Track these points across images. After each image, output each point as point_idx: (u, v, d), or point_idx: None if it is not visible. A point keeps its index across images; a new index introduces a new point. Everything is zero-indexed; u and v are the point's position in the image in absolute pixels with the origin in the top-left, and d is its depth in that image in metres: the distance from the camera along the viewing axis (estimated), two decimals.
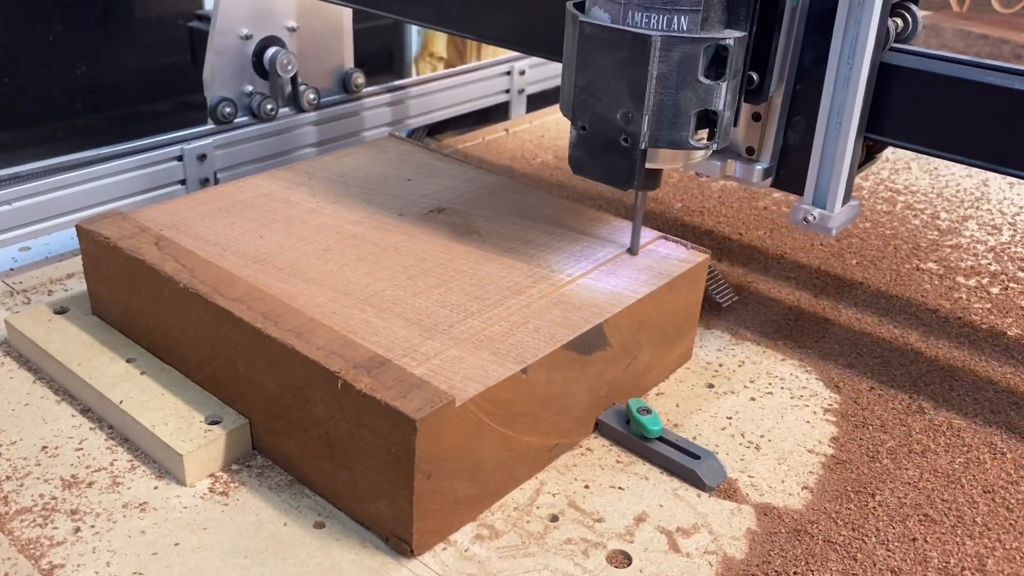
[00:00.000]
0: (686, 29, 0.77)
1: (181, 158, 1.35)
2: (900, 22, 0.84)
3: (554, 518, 0.78)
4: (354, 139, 1.58)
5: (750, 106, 0.87)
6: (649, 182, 0.85)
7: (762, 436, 0.89)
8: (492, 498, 0.79)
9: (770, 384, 0.97)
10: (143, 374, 0.88)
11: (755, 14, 0.79)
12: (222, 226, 0.95)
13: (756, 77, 0.83)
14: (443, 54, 2.09)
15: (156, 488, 0.79)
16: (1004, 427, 0.92)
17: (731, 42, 0.77)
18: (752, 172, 0.89)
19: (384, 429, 0.70)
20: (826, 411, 0.93)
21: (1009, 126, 0.79)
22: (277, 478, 0.81)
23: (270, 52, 1.40)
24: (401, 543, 0.73)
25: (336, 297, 0.84)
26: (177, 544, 0.73)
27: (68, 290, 1.06)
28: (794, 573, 0.73)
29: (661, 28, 0.77)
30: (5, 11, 1.39)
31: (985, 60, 0.81)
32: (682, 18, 0.76)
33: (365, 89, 1.58)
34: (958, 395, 0.96)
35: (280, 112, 1.45)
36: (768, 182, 0.90)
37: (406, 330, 0.80)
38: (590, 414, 0.87)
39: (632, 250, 0.94)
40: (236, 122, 1.41)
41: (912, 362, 1.01)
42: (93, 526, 0.75)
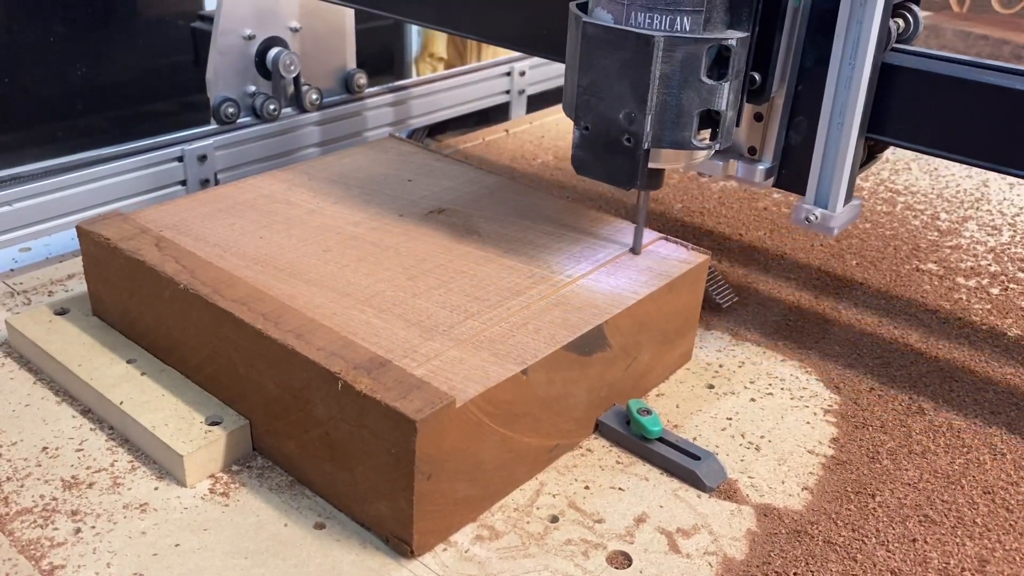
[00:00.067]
0: (689, 29, 0.77)
1: (182, 159, 1.36)
2: (901, 23, 0.84)
3: (554, 519, 0.78)
4: (356, 139, 1.59)
5: (752, 106, 0.87)
6: (652, 182, 0.85)
7: (762, 437, 0.89)
8: (492, 499, 0.79)
9: (770, 385, 0.97)
10: (143, 375, 0.88)
11: (757, 15, 0.79)
12: (222, 227, 0.95)
13: (758, 77, 0.83)
14: (443, 55, 2.09)
15: (156, 489, 0.79)
16: (1004, 428, 0.92)
17: (734, 42, 0.77)
18: (754, 172, 0.89)
19: (384, 430, 0.70)
20: (826, 412, 0.93)
21: (1010, 126, 0.79)
22: (277, 479, 0.81)
23: (273, 52, 1.40)
24: (401, 544, 0.73)
25: (336, 298, 0.84)
26: (177, 545, 0.73)
27: (69, 291, 1.06)
28: (794, 574, 0.73)
29: (664, 29, 0.77)
30: (5, 12, 1.39)
31: (986, 60, 0.81)
32: (685, 19, 0.76)
33: (367, 89, 1.58)
34: (958, 396, 0.96)
35: (283, 112, 1.45)
36: (770, 182, 0.90)
37: (406, 331, 0.80)
38: (590, 415, 0.87)
39: (635, 249, 0.94)
40: (238, 122, 1.41)
41: (912, 363, 1.01)
42: (94, 527, 0.75)
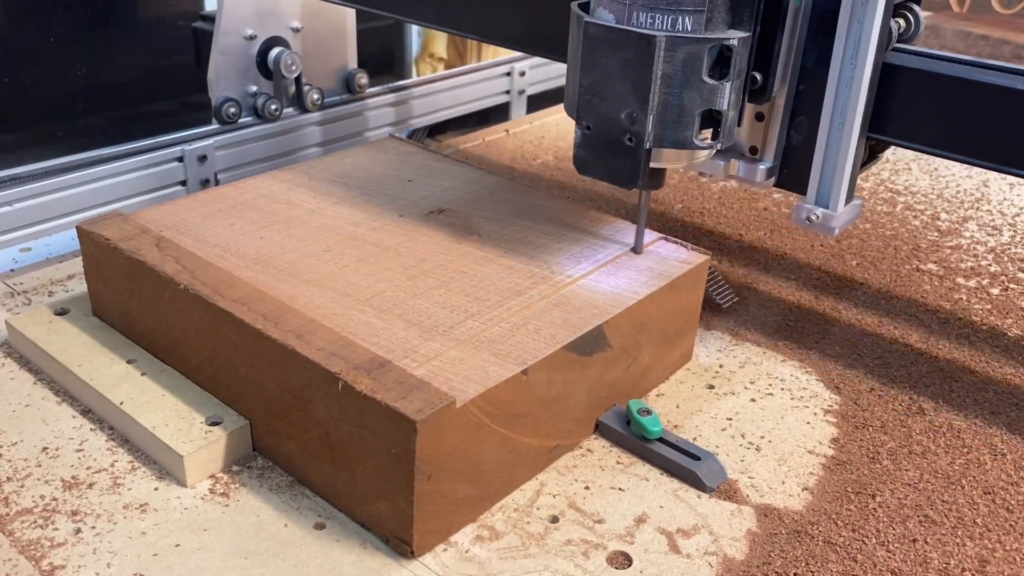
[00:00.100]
0: (690, 29, 0.77)
1: (182, 159, 1.36)
2: (902, 22, 0.84)
3: (554, 519, 0.78)
4: (357, 139, 1.59)
5: (753, 106, 0.87)
6: (653, 181, 0.85)
7: (762, 437, 0.89)
8: (492, 499, 0.79)
9: (770, 385, 0.97)
10: (144, 375, 0.88)
11: (759, 15, 0.79)
12: (223, 227, 0.95)
13: (759, 77, 0.83)
14: (443, 55, 2.09)
15: (157, 489, 0.79)
16: (1004, 428, 0.92)
17: (735, 42, 0.77)
18: (755, 172, 0.89)
19: (384, 430, 0.70)
20: (826, 412, 0.93)
21: (1011, 126, 0.79)
22: (277, 479, 0.81)
23: (274, 52, 1.40)
24: (401, 544, 0.73)
25: (336, 298, 0.84)
26: (178, 545, 0.73)
27: (69, 291, 1.06)
28: (794, 574, 0.73)
29: (665, 28, 0.77)
30: (5, 12, 1.39)
31: (987, 60, 0.81)
32: (686, 19, 0.76)
33: (368, 89, 1.58)
34: (958, 396, 0.96)
35: (284, 112, 1.45)
36: (771, 182, 0.90)
37: (406, 331, 0.80)
38: (590, 415, 0.87)
39: (636, 249, 0.94)
40: (239, 123, 1.41)
41: (912, 363, 1.01)
42: (94, 527, 0.75)
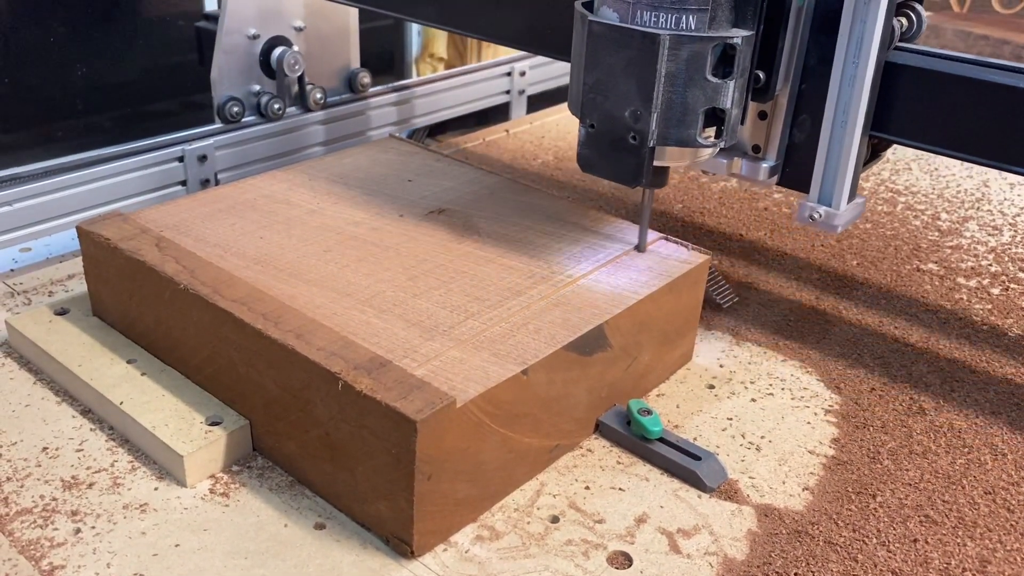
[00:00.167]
0: (694, 28, 0.77)
1: (182, 159, 1.36)
2: (905, 21, 0.85)
3: (555, 519, 0.78)
4: (360, 138, 1.59)
5: (756, 104, 0.87)
6: (657, 180, 0.85)
7: (763, 437, 0.89)
8: (493, 499, 0.79)
9: (771, 385, 0.97)
10: (144, 375, 0.88)
11: (762, 13, 0.80)
12: (223, 227, 0.95)
13: (762, 76, 0.83)
14: (443, 55, 2.09)
15: (156, 489, 0.79)
16: (1005, 428, 0.92)
17: (739, 41, 0.77)
18: (758, 170, 0.89)
19: (385, 430, 0.70)
20: (827, 412, 0.93)
21: (1013, 124, 0.79)
22: (277, 479, 0.81)
23: (277, 52, 1.41)
24: (401, 544, 0.73)
25: (336, 298, 0.84)
26: (178, 545, 0.73)
27: (69, 291, 1.06)
28: (795, 574, 0.73)
29: (669, 27, 0.77)
30: (5, 12, 1.39)
31: (989, 59, 0.81)
32: (690, 17, 0.77)
33: (371, 89, 1.58)
34: (959, 396, 0.96)
35: (287, 111, 1.46)
36: (774, 180, 0.90)
37: (406, 331, 0.80)
38: (590, 415, 0.87)
39: (639, 247, 0.94)
40: (241, 122, 1.41)
41: (913, 363, 1.01)
42: (94, 527, 0.75)
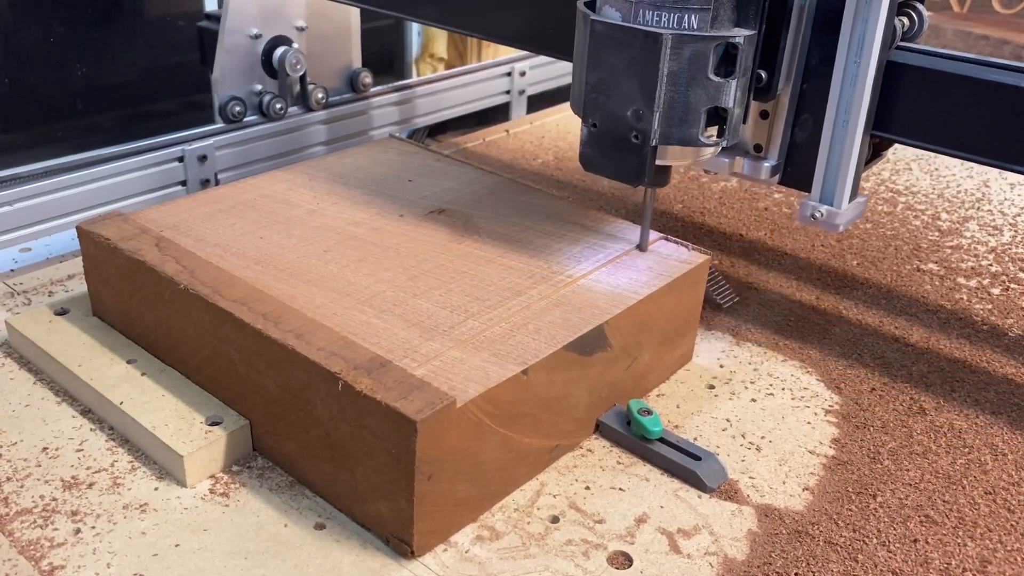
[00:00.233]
0: (696, 27, 0.77)
1: (182, 159, 1.36)
2: (906, 21, 0.85)
3: (555, 519, 0.78)
4: (361, 138, 1.59)
5: (758, 104, 0.87)
6: (659, 179, 0.86)
7: (763, 437, 0.89)
8: (493, 499, 0.79)
9: (771, 385, 0.97)
10: (144, 375, 0.88)
11: (764, 13, 0.80)
12: (223, 227, 0.95)
13: (764, 75, 0.83)
14: (443, 55, 2.09)
15: (157, 489, 0.79)
16: (1005, 428, 0.91)
17: (741, 40, 0.77)
18: (760, 169, 0.89)
19: (385, 430, 0.70)
20: (827, 412, 0.93)
21: (1014, 123, 0.79)
22: (277, 479, 0.81)
23: (279, 51, 1.41)
24: (401, 544, 0.73)
25: (337, 298, 0.84)
26: (177, 545, 0.73)
27: (69, 291, 1.06)
28: (795, 574, 0.73)
29: (672, 26, 0.77)
30: (6, 12, 1.39)
31: (991, 58, 0.81)
32: (692, 16, 0.77)
33: (372, 89, 1.58)
34: (959, 396, 0.96)
35: (289, 111, 1.46)
36: (776, 179, 0.90)
37: (407, 331, 0.80)
38: (591, 415, 0.87)
39: (641, 246, 0.95)
40: (243, 121, 1.41)
41: (913, 363, 1.01)
42: (94, 527, 0.75)
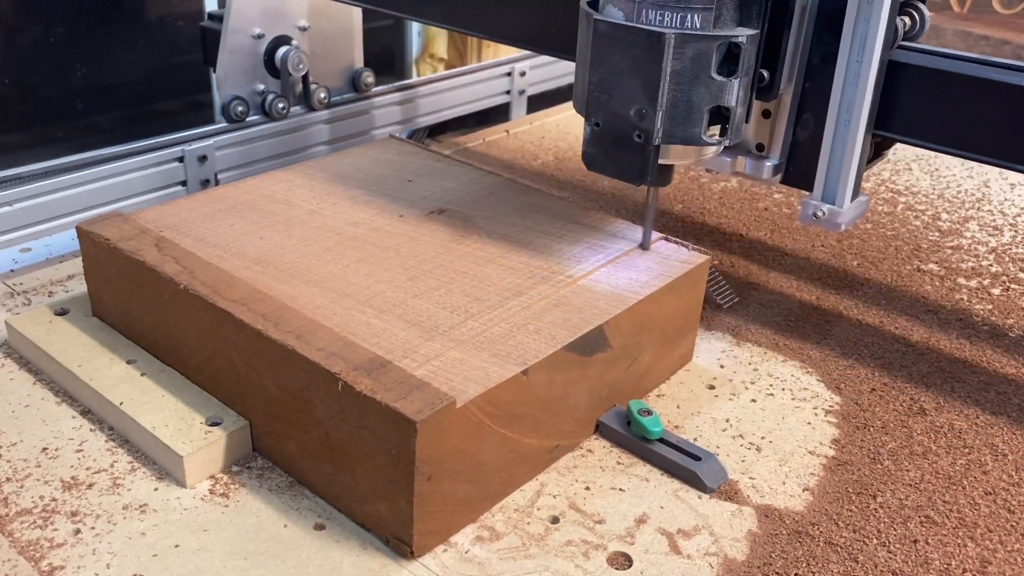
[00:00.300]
0: (699, 27, 0.77)
1: (182, 159, 1.35)
2: (908, 20, 0.85)
3: (555, 520, 0.78)
4: (363, 138, 1.59)
5: (760, 103, 0.88)
6: (661, 178, 0.86)
7: (763, 438, 0.89)
8: (492, 500, 0.79)
9: (771, 385, 0.96)
10: (143, 375, 0.87)
11: (766, 12, 0.80)
12: (223, 227, 0.95)
13: (767, 74, 0.84)
14: (444, 55, 2.09)
15: (156, 490, 0.79)
16: (1006, 428, 0.91)
17: (743, 40, 0.78)
18: (762, 168, 0.90)
19: (384, 431, 0.70)
20: (827, 412, 0.93)
21: (1016, 123, 0.79)
22: (277, 479, 0.81)
23: (282, 51, 1.41)
24: (401, 545, 0.73)
25: (336, 299, 0.84)
26: (177, 546, 0.73)
27: (69, 291, 1.05)
28: (795, 575, 0.73)
29: (675, 26, 0.77)
30: (6, 12, 1.39)
31: (992, 58, 0.81)
32: (695, 16, 0.77)
33: (374, 88, 1.59)
34: (959, 397, 0.96)
35: (291, 111, 1.46)
36: (778, 178, 0.90)
37: (406, 332, 0.80)
38: (591, 415, 0.87)
39: (644, 245, 0.95)
40: (245, 121, 1.41)
41: (913, 363, 1.01)
42: (93, 528, 0.74)
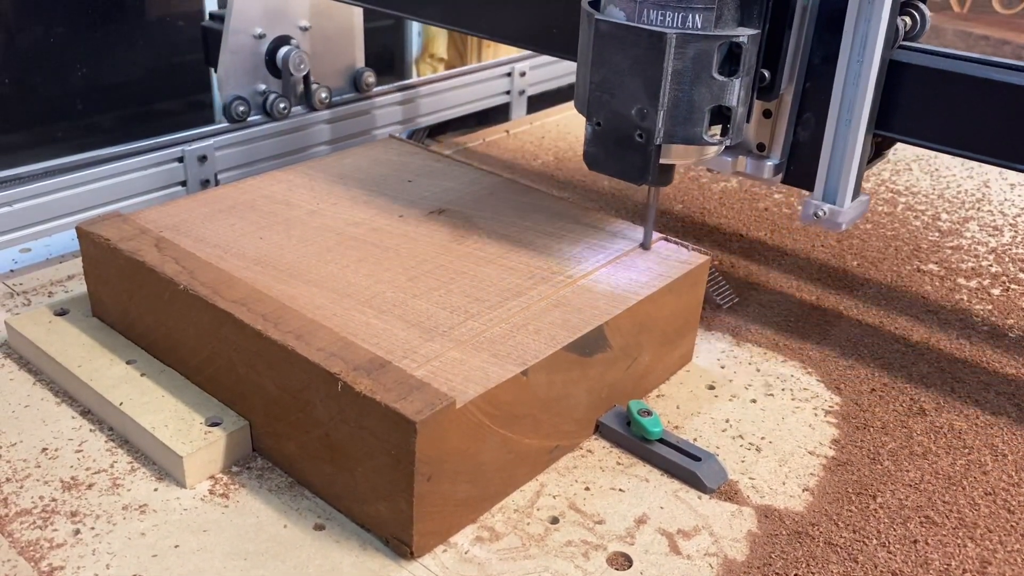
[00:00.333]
0: (700, 27, 0.77)
1: (182, 159, 1.35)
2: (909, 20, 0.85)
3: (554, 520, 0.78)
4: (364, 138, 1.59)
5: (761, 103, 0.88)
6: (663, 177, 0.86)
7: (763, 438, 0.89)
8: (492, 500, 0.79)
9: (771, 386, 0.96)
10: (143, 376, 0.87)
11: (767, 12, 0.80)
12: (222, 228, 0.95)
13: (767, 74, 0.84)
14: (444, 55, 2.09)
15: (156, 490, 0.79)
16: (1005, 429, 0.91)
17: (745, 39, 0.78)
18: (763, 168, 0.90)
19: (384, 431, 0.70)
20: (827, 413, 0.93)
21: (1017, 122, 0.80)
22: (277, 480, 0.81)
23: (283, 51, 1.41)
24: (401, 545, 0.73)
25: (336, 299, 0.84)
26: (177, 546, 0.73)
27: (68, 292, 1.05)
28: (795, 575, 0.73)
29: (676, 26, 0.78)
30: (6, 12, 1.39)
31: (993, 58, 0.81)
32: (697, 16, 0.77)
33: (375, 88, 1.59)
34: (959, 397, 0.96)
35: (292, 111, 1.46)
36: (778, 178, 0.91)
37: (406, 332, 0.80)
38: (590, 416, 0.87)
39: (645, 245, 0.95)
40: (246, 121, 1.41)
41: (913, 364, 1.01)
42: (93, 528, 0.74)
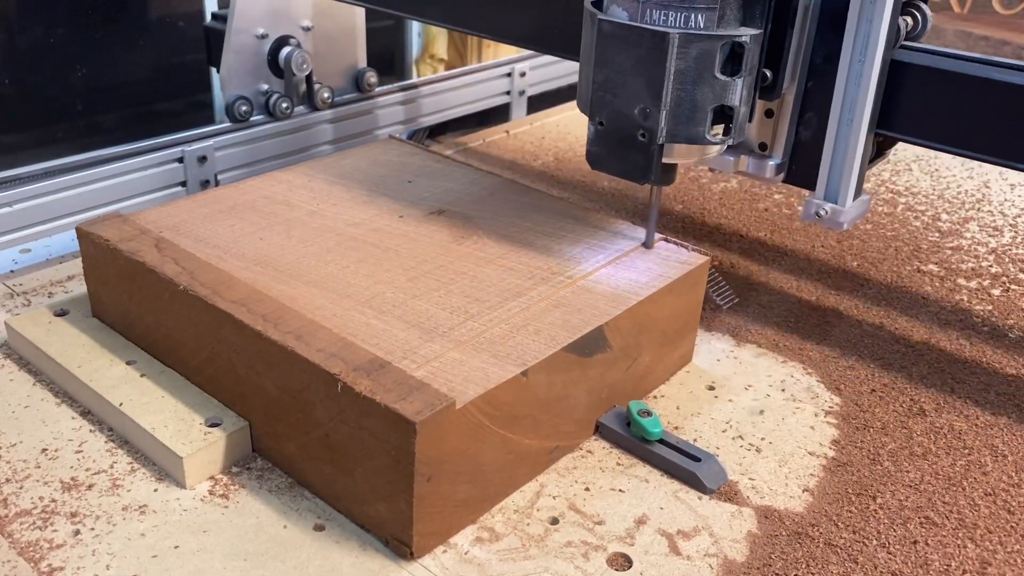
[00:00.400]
0: (703, 26, 0.78)
1: (182, 160, 1.35)
2: (910, 20, 0.85)
3: (554, 520, 0.78)
4: (366, 138, 1.59)
5: (763, 102, 0.88)
6: (665, 177, 0.86)
7: (763, 438, 0.89)
8: (492, 500, 0.79)
9: (771, 386, 0.96)
10: (143, 376, 0.87)
11: (770, 12, 0.80)
12: (222, 228, 0.95)
13: (770, 74, 0.84)
14: (444, 56, 2.09)
15: (156, 491, 0.79)
16: (1005, 429, 0.91)
17: (747, 39, 0.78)
18: (765, 167, 0.90)
19: (384, 432, 0.70)
20: (827, 413, 0.93)
21: (1019, 122, 0.80)
22: (277, 480, 0.81)
23: (285, 51, 1.41)
24: (401, 546, 0.73)
25: (336, 299, 0.84)
26: (177, 547, 0.73)
27: (68, 292, 1.05)
28: None
29: (679, 26, 0.78)
30: (6, 12, 1.39)
31: (994, 57, 0.81)
32: (699, 16, 0.77)
33: (377, 88, 1.59)
34: (959, 397, 0.96)
35: (295, 110, 1.46)
36: (780, 177, 0.91)
37: (406, 332, 0.80)
38: (590, 416, 0.87)
39: (647, 244, 0.95)
40: (249, 121, 1.41)
41: (913, 364, 1.01)
42: (93, 528, 0.74)
